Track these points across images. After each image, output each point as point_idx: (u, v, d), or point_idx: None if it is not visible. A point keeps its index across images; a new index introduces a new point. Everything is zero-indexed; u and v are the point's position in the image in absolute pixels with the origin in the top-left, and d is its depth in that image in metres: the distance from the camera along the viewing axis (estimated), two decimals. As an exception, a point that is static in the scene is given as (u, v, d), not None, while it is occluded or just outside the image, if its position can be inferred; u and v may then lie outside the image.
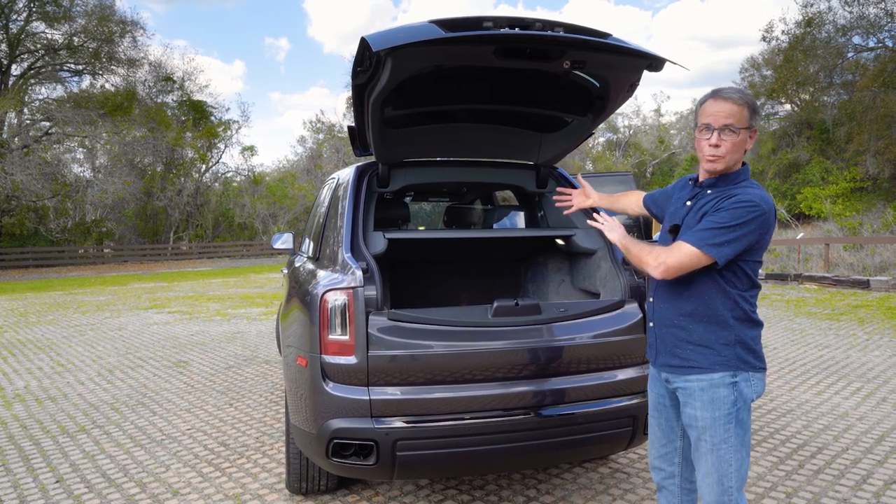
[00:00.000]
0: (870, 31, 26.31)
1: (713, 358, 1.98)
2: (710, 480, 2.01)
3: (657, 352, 2.15)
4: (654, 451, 2.30)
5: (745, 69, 34.93)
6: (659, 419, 2.24)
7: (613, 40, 2.43)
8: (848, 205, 26.03)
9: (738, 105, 1.92)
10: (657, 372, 2.20)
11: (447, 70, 2.65)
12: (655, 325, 2.15)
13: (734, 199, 1.92)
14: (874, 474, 3.47)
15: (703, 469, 2.03)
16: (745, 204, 1.89)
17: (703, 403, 1.99)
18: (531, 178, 3.61)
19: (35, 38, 27.30)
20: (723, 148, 1.94)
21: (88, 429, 4.50)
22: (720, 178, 2.00)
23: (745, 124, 1.94)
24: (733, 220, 1.89)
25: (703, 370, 1.99)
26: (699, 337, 2.00)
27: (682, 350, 2.04)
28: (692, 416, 2.03)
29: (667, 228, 2.14)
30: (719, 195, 1.98)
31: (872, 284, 11.43)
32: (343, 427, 2.53)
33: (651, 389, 2.28)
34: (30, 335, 8.65)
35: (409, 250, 3.71)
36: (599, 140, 43.14)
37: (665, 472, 2.27)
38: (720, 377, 1.97)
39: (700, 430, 2.01)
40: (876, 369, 5.76)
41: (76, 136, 26.56)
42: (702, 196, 2.04)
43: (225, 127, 34.30)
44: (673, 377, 2.10)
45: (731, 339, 1.97)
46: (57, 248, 25.87)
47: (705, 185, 2.05)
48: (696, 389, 2.01)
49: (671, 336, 2.07)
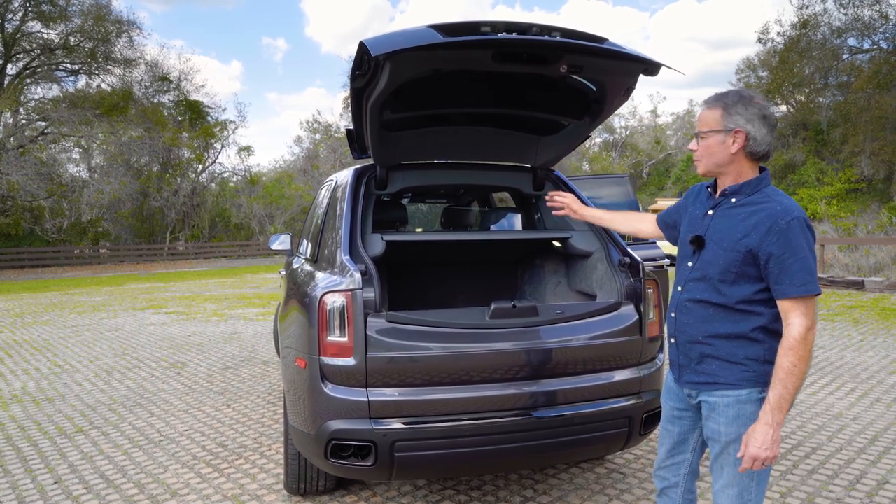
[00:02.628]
0: (865, 32, 26.43)
1: (741, 374, 1.89)
2: (731, 493, 1.93)
3: (681, 369, 2.04)
4: (661, 461, 2.22)
5: (741, 70, 35.08)
6: (672, 431, 2.16)
7: (609, 45, 2.45)
8: (843, 206, 26.15)
9: (710, 108, 1.91)
10: (678, 386, 2.10)
11: (445, 74, 2.67)
12: (678, 341, 2.02)
13: (787, 223, 1.78)
14: (868, 474, 3.50)
15: (722, 480, 1.95)
16: (802, 223, 1.80)
17: (728, 419, 1.91)
18: (528, 181, 3.64)
19: (31, 38, 27.23)
20: (698, 152, 1.94)
21: (86, 430, 4.51)
22: (742, 185, 1.90)
23: (715, 126, 1.88)
24: (806, 246, 1.78)
25: (731, 386, 1.90)
26: (727, 353, 1.90)
27: (708, 366, 1.94)
28: (716, 430, 1.94)
29: (687, 240, 2.01)
30: (746, 203, 1.88)
31: (867, 285, 11.49)
32: (341, 428, 2.54)
33: (666, 402, 2.19)
34: (26, 336, 8.64)
35: (406, 252, 3.72)
36: (596, 141, 43.23)
37: (669, 482, 2.20)
38: (748, 393, 1.88)
39: (724, 445, 1.93)
40: (870, 370, 5.80)
41: (72, 135, 26.49)
42: (725, 204, 1.93)
43: (221, 127, 34.29)
44: (697, 392, 2.01)
45: (761, 355, 1.87)
46: (53, 249, 25.80)
47: (728, 192, 1.93)
48: (721, 405, 1.92)
49: (696, 352, 1.96)
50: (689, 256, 1.99)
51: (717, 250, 1.90)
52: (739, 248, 1.84)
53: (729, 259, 1.86)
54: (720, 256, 1.88)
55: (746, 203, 1.88)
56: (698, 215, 2.02)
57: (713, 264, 1.90)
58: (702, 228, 1.97)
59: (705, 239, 1.94)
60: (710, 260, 1.91)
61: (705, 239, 1.94)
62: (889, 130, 25.23)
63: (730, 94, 1.90)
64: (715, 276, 1.89)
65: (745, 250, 1.83)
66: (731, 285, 1.87)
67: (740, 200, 1.90)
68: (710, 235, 1.93)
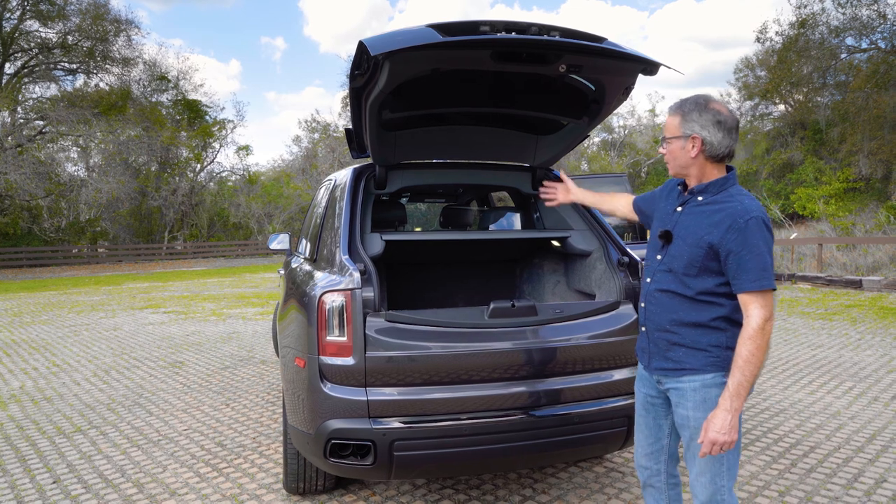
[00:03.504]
0: (863, 32, 26.47)
1: (706, 359, 2.01)
2: (704, 479, 2.05)
3: (650, 355, 2.17)
4: (640, 449, 2.32)
5: (739, 70, 35.12)
6: (646, 417, 2.27)
7: (608, 44, 2.45)
8: (841, 205, 26.19)
9: (672, 115, 2.05)
10: (647, 373, 2.23)
11: (444, 73, 2.67)
12: (648, 329, 2.17)
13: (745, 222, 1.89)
14: (865, 473, 3.51)
15: (696, 468, 2.07)
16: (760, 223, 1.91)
17: (695, 403, 2.03)
18: (527, 180, 3.64)
19: (29, 37, 27.19)
20: (666, 155, 2.09)
21: (85, 429, 4.50)
22: (708, 185, 2.02)
23: (675, 132, 2.02)
24: (762, 244, 1.89)
25: (696, 371, 2.02)
26: (691, 341, 2.03)
27: (675, 353, 2.07)
28: (685, 416, 2.07)
29: (656, 234, 2.15)
30: (711, 202, 2.00)
31: (865, 284, 11.51)
32: (341, 427, 2.54)
33: (639, 389, 2.30)
34: (24, 335, 8.63)
35: (405, 251, 3.73)
36: (595, 140, 43.23)
37: (651, 470, 2.30)
38: (712, 378, 2.01)
39: (693, 430, 2.05)
40: (868, 368, 5.81)
41: (70, 135, 26.46)
42: (692, 203, 2.06)
43: (220, 126, 34.24)
44: (665, 379, 2.13)
45: (723, 342, 2.00)
46: (51, 248, 25.76)
47: (696, 191, 2.06)
48: (688, 390, 2.05)
49: (664, 340, 2.09)
50: (658, 250, 2.13)
51: (682, 245, 2.03)
52: (702, 244, 1.97)
53: (692, 254, 1.99)
54: (685, 252, 2.01)
55: (711, 202, 2.01)
56: (668, 211, 2.15)
57: (678, 258, 2.03)
58: (670, 224, 2.10)
59: (673, 234, 2.07)
60: (676, 254, 2.04)
61: (673, 234, 2.07)
62: (887, 130, 25.28)
63: (688, 101, 2.02)
64: (680, 269, 2.03)
65: (706, 246, 1.96)
66: (695, 278, 2.00)
67: (706, 199, 2.03)
68: (677, 231, 2.07)
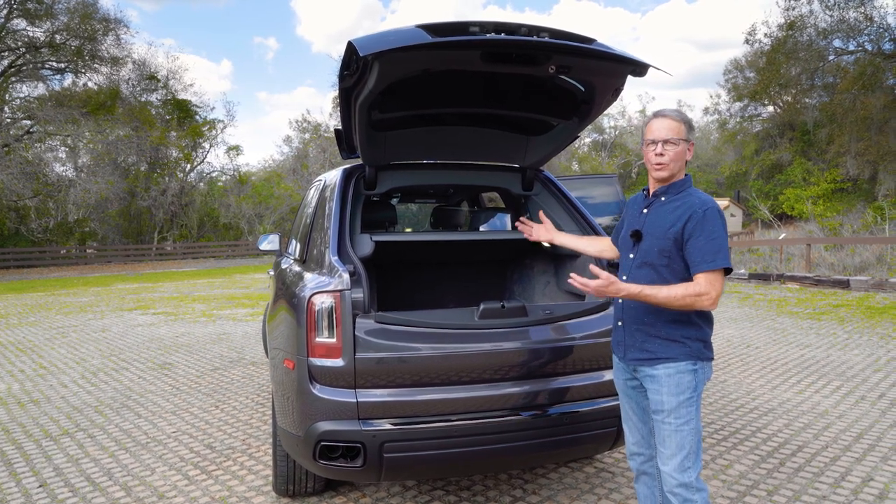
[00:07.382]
0: (850, 34, 26.73)
1: (679, 349, 2.21)
2: (674, 462, 2.19)
3: (626, 348, 2.34)
4: (630, 437, 2.47)
5: (728, 71, 35.35)
6: (630, 403, 2.43)
7: (597, 46, 2.46)
8: (829, 205, 26.45)
9: (676, 121, 2.23)
10: (623, 364, 2.39)
11: (434, 74, 2.66)
12: (625, 323, 2.34)
13: (703, 212, 2.14)
14: (852, 472, 3.54)
15: (667, 451, 2.21)
16: (715, 212, 2.16)
17: (669, 388, 2.21)
18: (517, 181, 3.64)
19: (16, 36, 26.87)
20: (666, 157, 2.22)
21: (72, 432, 4.46)
22: (670, 186, 2.26)
23: (683, 137, 2.23)
24: (719, 229, 2.15)
25: (671, 360, 2.21)
26: (667, 333, 2.22)
27: (651, 344, 2.25)
28: (658, 401, 2.23)
29: (628, 234, 2.34)
30: (673, 200, 2.24)
31: (852, 284, 11.62)
32: (330, 429, 2.53)
33: (617, 378, 2.46)
34: (11, 337, 8.54)
35: (395, 252, 3.72)
36: (585, 141, 43.39)
37: (644, 456, 2.44)
38: (685, 364, 2.20)
39: (665, 413, 2.21)
40: (855, 368, 5.86)
41: (58, 134, 26.23)
42: (656, 203, 2.29)
43: (210, 126, 34.05)
44: (641, 367, 2.28)
45: (694, 333, 2.22)
46: (39, 249, 25.52)
47: (658, 193, 2.29)
48: (663, 377, 2.22)
49: (641, 333, 2.27)
50: (631, 248, 2.33)
51: (651, 240, 2.24)
52: (669, 235, 2.19)
53: (661, 245, 2.21)
54: (654, 245, 2.23)
55: (673, 200, 2.25)
56: (636, 214, 2.37)
57: (650, 252, 2.24)
58: (639, 224, 2.31)
59: (642, 232, 2.28)
60: (647, 249, 2.25)
61: (642, 232, 2.28)
62: (874, 131, 25.54)
63: (682, 113, 2.29)
64: (654, 260, 2.22)
65: (672, 237, 2.18)
66: (668, 269, 2.20)
67: (669, 199, 2.26)
68: (646, 229, 2.28)
